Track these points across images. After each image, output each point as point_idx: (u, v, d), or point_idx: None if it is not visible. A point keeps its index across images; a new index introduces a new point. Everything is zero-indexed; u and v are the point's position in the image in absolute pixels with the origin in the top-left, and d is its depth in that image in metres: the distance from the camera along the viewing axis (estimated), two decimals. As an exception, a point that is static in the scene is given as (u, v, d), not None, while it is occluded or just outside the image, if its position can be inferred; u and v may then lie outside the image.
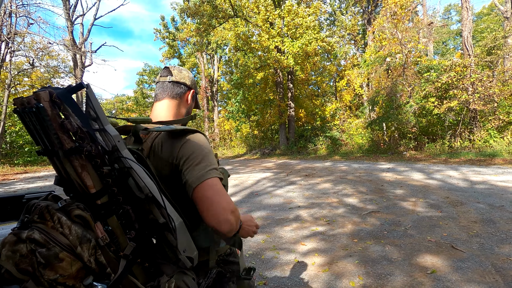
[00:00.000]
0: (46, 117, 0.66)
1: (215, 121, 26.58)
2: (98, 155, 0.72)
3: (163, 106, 1.08)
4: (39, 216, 0.66)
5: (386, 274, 2.37)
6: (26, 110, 0.68)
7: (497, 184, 5.38)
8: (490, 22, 23.60)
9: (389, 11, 13.21)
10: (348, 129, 16.28)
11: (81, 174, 0.69)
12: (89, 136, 0.71)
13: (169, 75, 1.10)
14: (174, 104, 1.09)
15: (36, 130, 0.71)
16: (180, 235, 0.73)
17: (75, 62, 17.60)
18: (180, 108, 1.11)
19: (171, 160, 0.88)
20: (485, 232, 3.12)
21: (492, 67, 12.93)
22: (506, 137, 10.12)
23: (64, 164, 0.70)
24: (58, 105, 0.67)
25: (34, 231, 0.63)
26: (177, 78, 1.10)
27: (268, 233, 3.52)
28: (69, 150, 0.68)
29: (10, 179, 10.75)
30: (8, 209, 1.35)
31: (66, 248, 0.63)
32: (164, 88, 1.09)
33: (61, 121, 0.67)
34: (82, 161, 0.69)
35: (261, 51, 16.18)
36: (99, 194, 0.71)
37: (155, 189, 0.74)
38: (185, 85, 1.12)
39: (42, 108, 0.65)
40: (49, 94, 0.67)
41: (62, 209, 0.67)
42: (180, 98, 1.10)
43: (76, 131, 0.69)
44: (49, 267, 0.60)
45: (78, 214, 0.67)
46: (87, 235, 0.66)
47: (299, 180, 7.20)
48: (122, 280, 0.69)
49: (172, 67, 1.13)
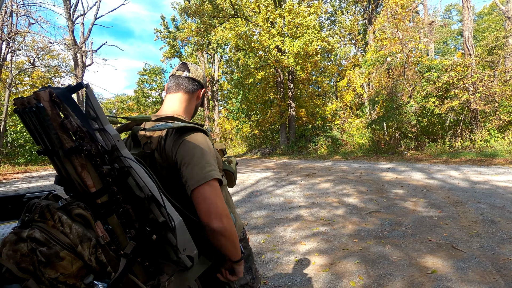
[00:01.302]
0: (46, 117, 0.66)
1: (216, 120, 26.59)
2: (98, 154, 0.72)
3: (176, 99, 1.12)
4: (40, 215, 0.66)
5: (387, 274, 2.37)
6: (26, 110, 0.68)
7: (497, 184, 5.37)
8: (491, 22, 23.53)
9: (390, 11, 13.19)
10: (348, 129, 16.26)
11: (81, 173, 0.69)
12: (89, 135, 0.71)
13: (186, 71, 1.15)
14: (187, 98, 1.14)
15: (36, 130, 0.71)
16: (179, 234, 0.74)
17: (76, 62, 17.61)
18: (191, 103, 1.16)
19: (172, 156, 0.92)
20: (486, 232, 3.12)
21: (493, 67, 12.90)
22: (507, 137, 10.10)
23: (64, 163, 0.70)
24: (58, 104, 0.68)
25: (35, 230, 0.63)
26: (194, 75, 1.15)
27: (269, 233, 3.52)
28: (69, 149, 0.68)
29: (11, 178, 10.77)
30: (9, 208, 1.35)
31: (67, 247, 0.63)
32: (179, 82, 1.14)
33: (61, 120, 0.67)
34: (82, 161, 0.70)
35: (261, 50, 16.17)
36: (99, 193, 0.71)
37: (155, 188, 0.74)
38: (199, 82, 1.17)
39: (42, 108, 0.66)
40: (49, 94, 0.67)
41: (62, 208, 0.67)
42: (192, 93, 1.15)
43: (76, 131, 0.69)
44: (50, 266, 0.60)
45: (79, 213, 0.67)
46: (87, 234, 0.66)
47: (299, 180, 7.20)
48: (123, 279, 0.69)
49: (189, 64, 1.18)
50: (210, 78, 27.95)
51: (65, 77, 18.93)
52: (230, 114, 24.36)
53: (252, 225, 3.87)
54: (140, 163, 0.77)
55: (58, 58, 20.22)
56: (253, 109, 20.83)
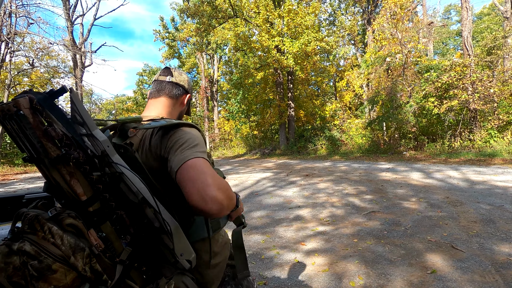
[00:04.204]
0: (27, 125, 0.63)
1: (215, 121, 26.58)
2: (87, 161, 0.69)
3: (159, 104, 1.08)
4: (30, 227, 0.63)
5: (386, 274, 2.37)
6: (6, 117, 0.65)
7: (497, 184, 5.38)
8: (490, 22, 23.61)
9: (389, 11, 13.21)
10: (348, 129, 16.28)
11: (70, 181, 0.67)
12: (76, 142, 0.68)
13: (170, 75, 1.11)
14: (170, 103, 1.09)
15: (19, 138, 0.68)
16: (176, 239, 0.71)
17: (75, 62, 17.60)
18: (175, 109, 1.11)
19: (159, 152, 0.85)
20: (485, 232, 3.12)
21: (492, 67, 12.93)
22: (506, 137, 10.12)
23: (51, 172, 0.67)
24: (40, 111, 0.64)
25: (25, 242, 0.61)
26: (177, 80, 1.11)
27: (268, 233, 3.52)
28: (55, 158, 0.65)
29: (10, 179, 10.75)
30: (8, 209, 1.35)
31: (59, 259, 0.61)
32: (162, 87, 1.09)
33: (44, 128, 0.64)
34: (70, 169, 0.67)
35: (261, 51, 16.17)
36: (90, 201, 0.69)
37: (149, 194, 0.71)
38: (184, 88, 1.13)
39: (23, 116, 0.62)
40: (30, 100, 0.63)
41: (52, 218, 0.64)
42: (176, 99, 1.11)
43: (61, 138, 0.65)
44: (43, 279, 0.59)
45: (70, 223, 0.65)
46: (80, 244, 0.64)
47: (299, 180, 7.20)
48: (120, 286, 0.68)
49: (173, 69, 1.13)
50: (210, 78, 27.96)
51: (64, 77, 18.91)
52: (230, 114, 24.34)
53: (252, 225, 3.87)
54: (127, 159, 0.75)
55: (57, 58, 20.21)
56: (252, 110, 20.82)
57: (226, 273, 1.11)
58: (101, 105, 41.84)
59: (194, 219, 0.94)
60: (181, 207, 0.87)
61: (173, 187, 0.82)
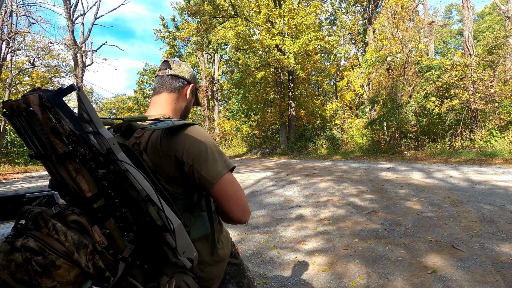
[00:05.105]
0: (36, 122, 0.64)
1: (216, 120, 26.59)
2: (93, 158, 0.70)
3: (162, 100, 1.06)
4: (33, 223, 0.64)
5: (387, 274, 2.37)
6: (15, 114, 0.66)
7: (497, 184, 5.37)
8: (491, 22, 23.52)
9: (390, 11, 13.19)
10: (348, 129, 16.27)
11: (75, 178, 0.68)
12: (82, 139, 0.69)
13: (168, 69, 1.09)
14: (172, 97, 1.08)
15: (27, 134, 0.69)
16: (179, 237, 0.72)
17: (76, 62, 17.61)
18: (179, 103, 1.10)
19: (174, 153, 0.86)
20: (486, 232, 3.12)
21: (493, 66, 12.92)
22: (507, 137, 10.11)
23: (58, 168, 0.68)
24: (49, 108, 0.65)
25: (29, 239, 0.61)
26: (176, 72, 1.09)
27: (269, 233, 3.52)
28: (62, 154, 0.65)
29: (11, 178, 10.77)
30: (9, 208, 1.35)
31: (63, 255, 0.61)
32: (162, 82, 1.08)
33: (52, 125, 0.65)
34: (76, 165, 0.67)
35: (261, 50, 16.16)
36: (95, 197, 0.70)
37: (153, 192, 0.72)
38: (184, 79, 1.11)
39: (32, 113, 0.63)
40: (39, 97, 0.64)
41: (57, 215, 0.65)
42: (178, 92, 1.09)
43: (68, 135, 0.66)
44: (46, 275, 0.59)
45: (74, 220, 0.65)
46: (83, 240, 0.64)
47: (299, 180, 7.20)
48: (122, 282, 0.69)
49: (171, 61, 1.11)
50: (210, 77, 27.96)
51: (65, 77, 18.93)
52: (230, 114, 24.35)
53: (252, 224, 3.87)
54: (130, 158, 0.75)
55: (58, 58, 20.24)
56: (253, 109, 20.82)
57: (227, 271, 1.11)
58: (101, 104, 41.90)
59: (195, 217, 0.94)
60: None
61: (182, 186, 0.88)
